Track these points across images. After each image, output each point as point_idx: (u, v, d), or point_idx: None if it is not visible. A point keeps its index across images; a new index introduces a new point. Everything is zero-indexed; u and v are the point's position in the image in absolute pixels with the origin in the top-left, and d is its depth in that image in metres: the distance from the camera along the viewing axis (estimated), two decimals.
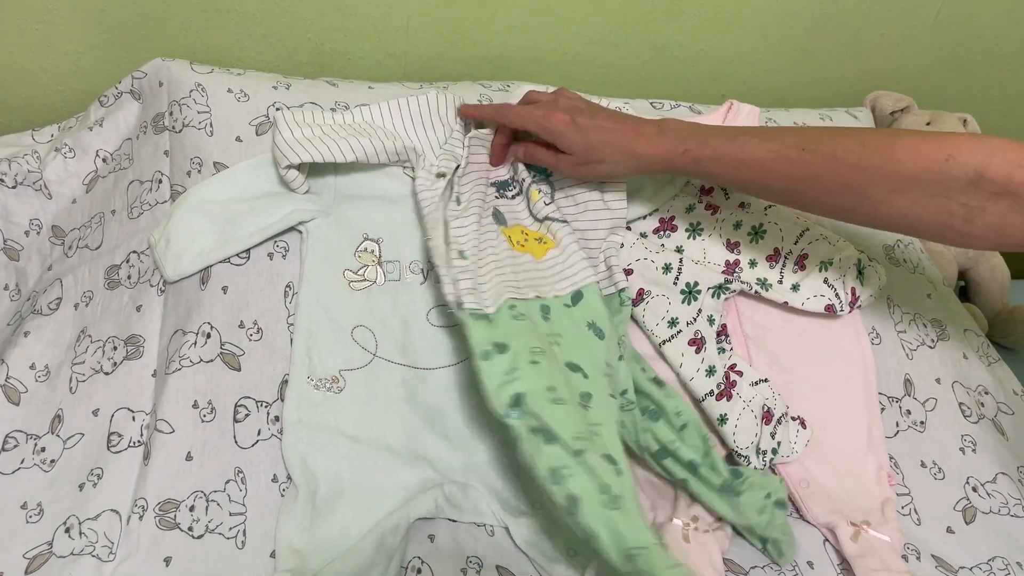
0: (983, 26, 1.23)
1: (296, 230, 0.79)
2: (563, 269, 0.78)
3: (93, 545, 0.63)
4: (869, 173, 0.65)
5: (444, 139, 0.85)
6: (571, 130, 0.77)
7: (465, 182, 0.82)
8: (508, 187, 0.85)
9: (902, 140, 0.65)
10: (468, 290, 0.70)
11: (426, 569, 0.67)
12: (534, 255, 0.79)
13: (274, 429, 0.70)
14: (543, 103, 0.81)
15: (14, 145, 0.91)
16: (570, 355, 0.70)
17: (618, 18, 1.10)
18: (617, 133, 0.76)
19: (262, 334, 0.74)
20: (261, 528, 0.66)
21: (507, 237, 0.80)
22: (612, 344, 0.73)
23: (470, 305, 0.69)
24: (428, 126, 0.85)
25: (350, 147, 0.78)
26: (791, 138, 0.70)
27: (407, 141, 0.83)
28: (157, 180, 0.82)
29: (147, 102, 0.89)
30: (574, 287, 0.76)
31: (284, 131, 0.77)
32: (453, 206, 0.79)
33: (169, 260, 0.75)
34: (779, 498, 0.72)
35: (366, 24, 1.04)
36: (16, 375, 0.74)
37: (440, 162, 0.83)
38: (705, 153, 0.72)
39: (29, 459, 0.69)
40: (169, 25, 0.99)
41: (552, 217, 0.81)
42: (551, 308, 0.74)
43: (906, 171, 0.64)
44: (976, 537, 0.77)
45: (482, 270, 0.74)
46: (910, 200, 0.65)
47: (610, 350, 0.73)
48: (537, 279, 0.76)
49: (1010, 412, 0.88)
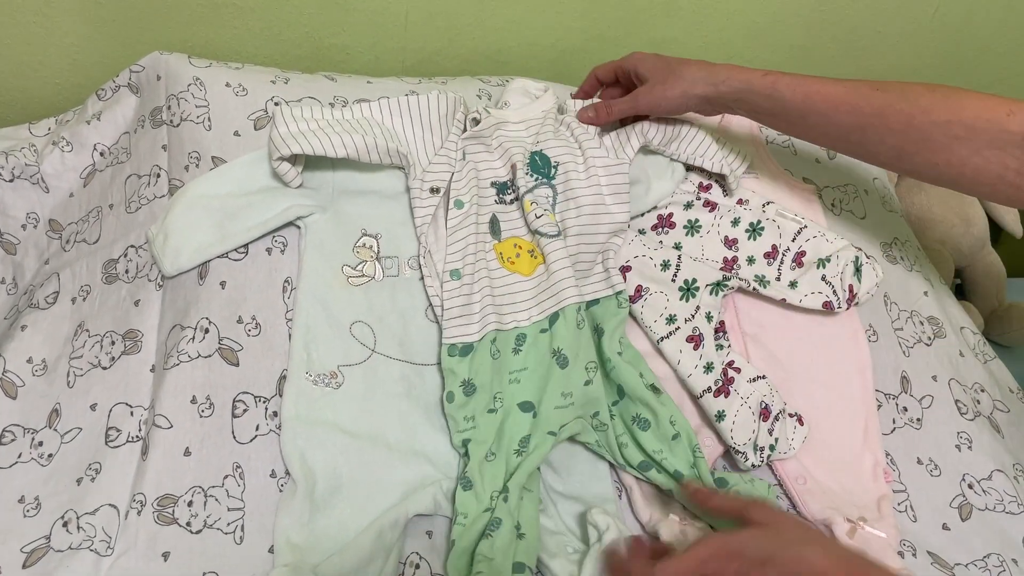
0: (980, 24, 1.24)
1: (294, 225, 0.79)
2: (547, 288, 0.77)
3: (91, 539, 0.63)
4: (933, 115, 0.69)
5: (440, 143, 0.83)
6: (650, 57, 0.83)
7: (464, 184, 0.81)
8: (507, 190, 0.83)
9: (970, 93, 0.69)
10: (454, 318, 0.74)
11: (424, 564, 0.67)
12: (523, 272, 0.79)
13: (272, 424, 0.70)
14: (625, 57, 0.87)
15: (11, 139, 0.90)
16: (527, 393, 0.74)
17: (616, 14, 1.10)
18: (690, 60, 0.81)
19: (260, 329, 0.74)
20: (259, 523, 0.66)
21: (499, 254, 0.80)
22: (578, 368, 0.74)
23: (450, 340, 0.74)
24: (426, 127, 0.84)
25: (343, 142, 0.77)
26: (863, 81, 0.74)
27: (401, 146, 0.81)
28: (155, 174, 0.82)
29: (145, 96, 0.88)
30: (553, 309, 0.76)
31: (280, 125, 0.77)
32: (454, 211, 0.79)
33: (167, 255, 0.75)
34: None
35: (365, 19, 1.04)
36: (13, 369, 0.74)
37: (433, 172, 0.81)
38: (783, 79, 0.76)
39: (26, 453, 0.69)
40: (167, 19, 0.99)
41: (542, 232, 0.79)
42: (527, 337, 0.75)
43: (968, 118, 0.67)
44: (972, 534, 0.77)
45: (474, 290, 0.76)
46: (969, 150, 0.68)
47: (573, 376, 0.74)
48: (521, 303, 0.77)
49: (1006, 409, 0.88)
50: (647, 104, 0.83)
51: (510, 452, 0.71)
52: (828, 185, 0.97)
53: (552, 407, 0.73)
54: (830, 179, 0.98)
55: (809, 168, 0.99)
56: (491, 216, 0.82)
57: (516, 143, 0.84)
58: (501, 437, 0.72)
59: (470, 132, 0.83)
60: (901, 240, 0.98)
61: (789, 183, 0.94)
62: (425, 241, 0.78)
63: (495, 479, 0.69)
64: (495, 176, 0.84)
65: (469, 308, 0.75)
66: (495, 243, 0.80)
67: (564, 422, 0.72)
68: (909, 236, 1.00)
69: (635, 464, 0.74)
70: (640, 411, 0.74)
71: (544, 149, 0.83)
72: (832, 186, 0.97)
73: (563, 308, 0.75)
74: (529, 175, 0.82)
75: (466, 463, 0.71)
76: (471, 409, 0.73)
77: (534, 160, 0.83)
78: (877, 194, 1.01)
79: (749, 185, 0.91)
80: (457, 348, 0.74)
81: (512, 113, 0.88)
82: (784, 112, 0.77)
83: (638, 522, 0.74)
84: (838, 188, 0.98)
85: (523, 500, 0.69)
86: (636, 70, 0.84)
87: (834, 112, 0.74)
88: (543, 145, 0.84)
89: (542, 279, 0.78)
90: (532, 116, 0.88)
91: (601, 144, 0.85)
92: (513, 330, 0.75)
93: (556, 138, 0.85)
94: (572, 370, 0.74)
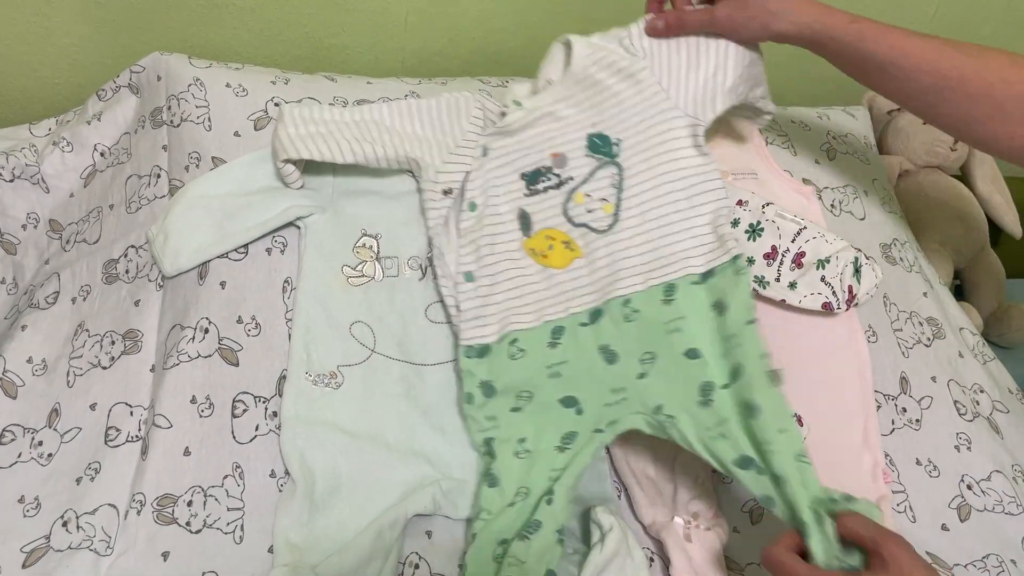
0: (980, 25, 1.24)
1: (294, 225, 0.79)
2: (588, 283, 0.74)
3: (91, 539, 0.63)
4: (1014, 87, 0.69)
5: (454, 144, 0.81)
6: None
7: (479, 183, 0.78)
8: (541, 177, 0.78)
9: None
10: (470, 320, 0.73)
11: (424, 564, 0.67)
12: (557, 266, 0.75)
13: (272, 424, 0.70)
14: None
15: (11, 139, 0.91)
16: (568, 388, 0.71)
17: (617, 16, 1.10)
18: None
19: (260, 329, 0.74)
20: (259, 523, 0.66)
21: (529, 250, 0.77)
22: (630, 362, 0.70)
23: (466, 341, 0.72)
24: (437, 128, 0.82)
25: (351, 150, 0.77)
26: (951, 40, 0.72)
27: (411, 150, 0.80)
28: (155, 175, 0.82)
29: (145, 96, 0.88)
30: (594, 304, 0.73)
31: (288, 127, 0.77)
32: (467, 213, 0.77)
33: (167, 255, 0.75)
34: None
35: (365, 19, 1.04)
36: (13, 369, 0.74)
37: (447, 173, 0.80)
38: (869, 27, 0.73)
39: (26, 453, 0.69)
40: (167, 19, 0.99)
41: (590, 226, 0.75)
42: (564, 330, 0.73)
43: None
44: (971, 535, 0.77)
45: (491, 292, 0.75)
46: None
47: (624, 371, 0.70)
48: (555, 296, 0.74)
49: (1005, 410, 0.88)
50: (725, 26, 0.76)
51: (550, 448, 0.69)
52: (828, 186, 0.97)
53: (600, 404, 0.70)
54: (830, 180, 0.98)
55: (809, 169, 0.98)
56: (519, 211, 0.78)
57: (561, 127, 0.78)
58: (540, 433, 0.70)
59: (495, 128, 0.80)
60: (900, 241, 0.98)
61: (788, 184, 0.94)
62: (438, 242, 0.77)
63: (524, 475, 0.68)
64: (525, 166, 0.79)
65: (485, 310, 0.74)
66: (524, 239, 0.77)
67: (613, 419, 0.70)
68: (909, 237, 1.00)
69: (730, 461, 0.65)
70: (754, 397, 0.65)
71: (602, 128, 0.77)
72: (832, 187, 0.97)
73: (608, 302, 0.72)
74: (588, 156, 0.77)
75: (488, 461, 0.70)
76: (491, 409, 0.72)
77: (592, 141, 0.77)
78: (877, 195, 1.01)
79: (748, 186, 0.91)
80: (474, 349, 0.73)
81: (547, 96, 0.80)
82: (863, 63, 0.75)
83: (639, 524, 0.74)
84: (838, 189, 0.98)
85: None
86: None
87: (915, 70, 0.73)
88: (600, 125, 0.78)
89: (579, 272, 0.74)
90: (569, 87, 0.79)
91: (676, 104, 0.76)
92: (544, 325, 0.73)
93: (611, 107, 0.77)
94: (622, 365, 0.71)
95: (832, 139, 1.04)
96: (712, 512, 0.73)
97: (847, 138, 1.06)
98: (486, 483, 0.69)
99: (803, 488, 0.61)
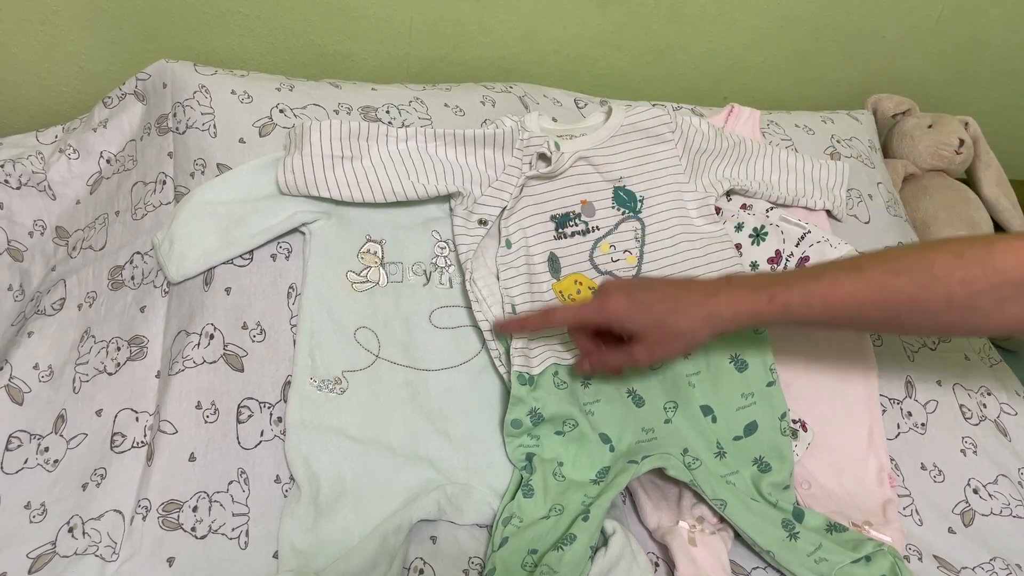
0: (984, 28, 1.24)
1: (299, 231, 0.79)
2: None
3: (96, 545, 0.64)
4: (973, 286, 0.61)
5: (495, 175, 0.81)
6: (635, 310, 0.68)
7: (515, 220, 0.80)
8: (569, 222, 0.81)
9: (998, 245, 0.61)
10: (519, 348, 0.74)
11: (428, 569, 0.67)
12: None
13: (277, 430, 0.71)
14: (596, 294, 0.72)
15: (18, 146, 0.91)
16: (603, 425, 0.75)
17: (621, 20, 1.11)
18: (684, 300, 0.68)
19: (265, 335, 0.74)
20: (264, 528, 0.66)
21: (558, 292, 0.79)
22: (655, 407, 0.75)
23: (517, 369, 0.73)
24: (480, 158, 0.82)
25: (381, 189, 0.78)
26: (881, 263, 0.65)
27: (451, 184, 0.80)
28: (161, 181, 0.83)
29: (151, 103, 0.89)
30: None
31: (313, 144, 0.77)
32: (503, 251, 0.79)
33: (173, 261, 0.76)
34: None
35: (369, 26, 1.05)
36: (19, 375, 0.74)
37: (484, 204, 0.80)
38: (793, 297, 0.65)
39: (32, 459, 0.69)
40: (172, 27, 1.00)
41: (615, 275, 0.80)
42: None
43: (1011, 278, 0.60)
44: (977, 538, 0.77)
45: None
46: (1021, 306, 0.61)
47: (652, 414, 0.75)
48: None
49: (1013, 412, 0.88)
50: (648, 361, 0.70)
51: (586, 480, 0.72)
52: None
53: (633, 441, 0.74)
54: None
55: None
56: (548, 255, 0.80)
57: (591, 177, 0.83)
58: (576, 462, 0.73)
59: (537, 172, 0.81)
60: (906, 245, 0.97)
61: None
62: (470, 267, 0.78)
63: (560, 496, 0.70)
64: (556, 208, 0.82)
65: (532, 342, 0.75)
66: (554, 283, 0.79)
67: (647, 453, 0.72)
68: (914, 241, 1.00)
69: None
70: (766, 454, 0.74)
71: (628, 184, 0.84)
72: None
73: None
74: (614, 208, 0.83)
75: (527, 475, 0.72)
76: (536, 431, 0.73)
77: (618, 195, 0.83)
78: (881, 199, 1.01)
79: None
80: (525, 377, 0.73)
81: (584, 140, 0.85)
82: (807, 326, 0.69)
83: (644, 528, 0.74)
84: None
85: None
86: (623, 327, 0.69)
87: (859, 315, 0.66)
88: (627, 180, 0.84)
89: None
90: (604, 139, 0.85)
91: (691, 179, 0.86)
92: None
93: (638, 166, 0.85)
94: (649, 409, 0.75)
95: (836, 143, 1.04)
96: (716, 516, 0.73)
97: (851, 142, 1.06)
98: (523, 493, 0.70)
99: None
